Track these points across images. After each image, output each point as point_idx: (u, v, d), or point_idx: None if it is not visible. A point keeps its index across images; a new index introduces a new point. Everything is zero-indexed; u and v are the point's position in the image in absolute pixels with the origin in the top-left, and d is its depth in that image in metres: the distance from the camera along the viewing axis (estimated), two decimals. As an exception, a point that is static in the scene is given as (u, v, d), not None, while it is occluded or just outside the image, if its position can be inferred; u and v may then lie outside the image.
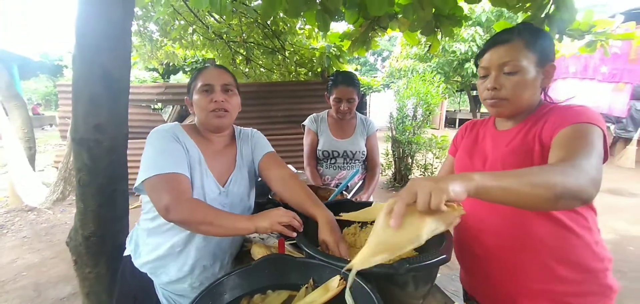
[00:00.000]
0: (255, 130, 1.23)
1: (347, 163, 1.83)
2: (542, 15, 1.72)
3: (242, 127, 1.21)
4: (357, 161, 1.85)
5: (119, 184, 1.17)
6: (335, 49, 3.91)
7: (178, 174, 0.90)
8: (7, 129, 3.67)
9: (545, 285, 0.83)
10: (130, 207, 1.40)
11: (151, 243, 1.02)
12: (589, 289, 0.82)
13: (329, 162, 1.83)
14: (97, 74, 0.93)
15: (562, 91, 6.03)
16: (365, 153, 1.85)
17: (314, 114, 1.91)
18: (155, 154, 0.91)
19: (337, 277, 0.70)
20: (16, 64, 7.35)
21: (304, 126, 1.91)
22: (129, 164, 1.26)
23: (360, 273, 0.63)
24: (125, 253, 1.08)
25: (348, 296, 0.61)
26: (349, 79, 1.71)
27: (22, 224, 3.67)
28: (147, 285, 1.03)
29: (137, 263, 1.03)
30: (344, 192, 1.45)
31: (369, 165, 1.90)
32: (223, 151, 1.10)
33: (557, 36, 1.76)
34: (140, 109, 4.48)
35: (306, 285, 0.74)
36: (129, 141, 1.25)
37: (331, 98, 1.75)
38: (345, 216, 0.93)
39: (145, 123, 4.41)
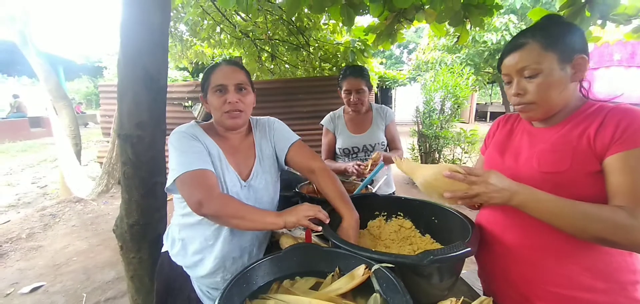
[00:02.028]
0: (272, 119, 1.20)
1: (368, 156, 1.82)
2: (583, 0, 1.61)
3: (258, 117, 1.19)
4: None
5: (159, 177, 1.26)
6: (359, 43, 3.88)
7: (205, 170, 0.94)
8: (57, 127, 4.02)
9: (568, 291, 0.80)
10: (168, 199, 1.50)
11: (185, 236, 1.06)
12: (614, 300, 0.78)
13: (350, 158, 1.84)
14: (139, 75, 1.01)
15: (605, 81, 5.60)
16: (385, 143, 1.84)
17: (331, 113, 1.91)
18: (181, 153, 0.95)
19: (363, 266, 0.73)
20: (61, 67, 7.99)
21: (322, 125, 1.92)
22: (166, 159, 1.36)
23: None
24: (163, 249, 1.13)
25: (374, 280, 0.63)
26: (356, 71, 1.72)
27: (71, 214, 4.02)
28: (182, 279, 1.07)
29: (173, 255, 1.08)
30: (369, 186, 1.46)
31: (392, 149, 1.87)
32: (241, 146, 1.11)
33: (599, 22, 1.65)
34: (172, 106, 4.72)
35: (332, 273, 0.78)
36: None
37: (342, 92, 1.76)
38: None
39: (178, 120, 4.64)
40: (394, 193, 1.94)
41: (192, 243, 1.05)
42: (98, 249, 3.11)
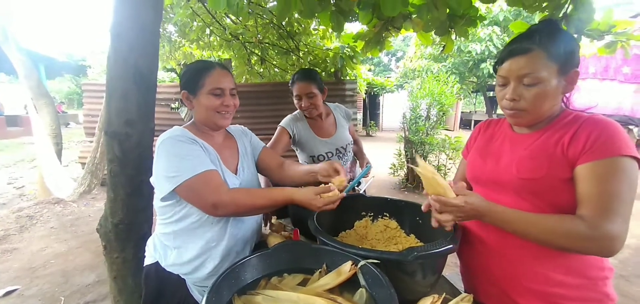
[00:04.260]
0: (244, 127, 1.33)
1: (341, 159, 1.80)
2: (560, 15, 1.70)
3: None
4: (349, 154, 1.83)
5: (146, 175, 1.25)
6: (348, 50, 3.95)
7: (211, 171, 0.96)
8: (38, 125, 3.88)
9: (544, 287, 0.84)
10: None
11: (182, 244, 1.04)
12: (586, 295, 0.83)
13: None
14: (129, 72, 1.01)
15: (582, 92, 5.86)
16: (352, 142, 1.85)
17: (292, 115, 1.79)
18: (181, 159, 0.94)
19: (349, 262, 0.75)
20: (43, 65, 7.74)
21: (281, 125, 1.76)
22: (152, 158, 1.35)
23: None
24: (148, 262, 1.09)
25: (360, 276, 0.65)
26: (305, 74, 1.67)
27: (49, 216, 3.87)
28: (174, 284, 1.04)
29: (167, 265, 1.05)
30: (356, 187, 1.48)
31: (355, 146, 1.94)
32: (225, 143, 1.17)
33: (575, 36, 1.74)
34: (159, 107, 4.64)
35: (319, 269, 0.79)
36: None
37: (294, 98, 1.71)
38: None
39: (165, 121, 4.57)
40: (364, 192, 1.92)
41: (190, 249, 1.03)
42: (78, 251, 3.01)
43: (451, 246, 0.77)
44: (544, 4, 1.76)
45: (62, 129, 4.66)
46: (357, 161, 1.93)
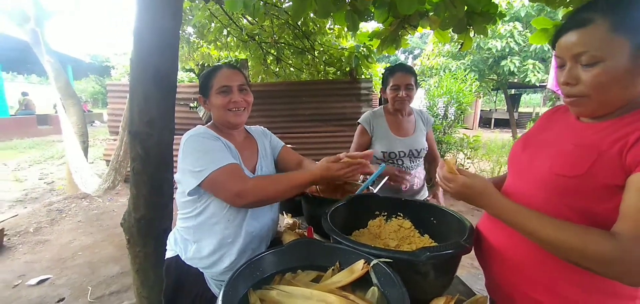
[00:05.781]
0: (264, 128, 1.36)
1: (412, 162, 1.78)
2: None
3: (249, 126, 1.32)
4: (421, 158, 1.81)
5: (166, 173, 1.29)
6: (364, 49, 3.93)
7: (235, 164, 1.02)
8: (66, 124, 4.09)
9: (548, 299, 0.74)
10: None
11: (200, 238, 1.08)
12: None
13: (395, 163, 1.76)
14: (150, 74, 1.05)
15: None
16: (427, 149, 1.82)
17: (371, 111, 1.82)
18: (205, 154, 1.01)
19: (362, 261, 0.76)
20: (70, 66, 8.12)
21: (358, 123, 1.83)
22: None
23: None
24: (169, 255, 1.12)
25: (372, 275, 0.66)
26: (406, 67, 1.73)
27: (77, 210, 4.08)
28: (193, 278, 1.08)
29: (187, 259, 1.10)
30: (370, 187, 1.49)
31: (431, 157, 1.91)
32: (244, 143, 1.21)
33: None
34: (178, 107, 4.78)
35: (333, 267, 0.81)
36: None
37: (388, 88, 1.72)
38: None
39: (184, 120, 4.70)
40: (427, 198, 1.89)
41: (208, 244, 1.08)
42: (103, 244, 3.16)
43: (464, 247, 0.76)
44: (567, 0, 1.70)
45: (87, 128, 4.88)
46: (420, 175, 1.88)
